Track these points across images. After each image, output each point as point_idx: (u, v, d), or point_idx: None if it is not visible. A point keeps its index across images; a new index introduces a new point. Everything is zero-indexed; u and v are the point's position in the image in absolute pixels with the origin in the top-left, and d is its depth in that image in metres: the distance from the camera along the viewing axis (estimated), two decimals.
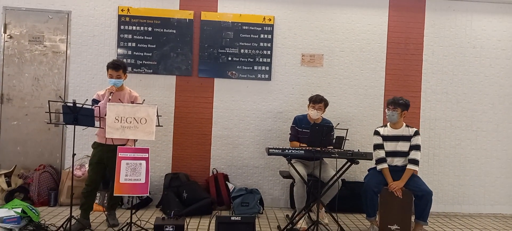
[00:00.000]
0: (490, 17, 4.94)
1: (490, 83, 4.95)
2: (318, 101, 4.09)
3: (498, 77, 4.96)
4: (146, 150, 3.31)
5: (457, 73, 4.93)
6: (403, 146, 3.81)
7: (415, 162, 3.75)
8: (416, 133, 3.81)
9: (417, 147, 3.78)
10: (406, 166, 3.77)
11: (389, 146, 3.84)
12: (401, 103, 3.80)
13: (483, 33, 4.94)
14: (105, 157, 3.61)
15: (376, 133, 3.92)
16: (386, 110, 3.91)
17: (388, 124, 3.92)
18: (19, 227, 3.51)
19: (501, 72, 4.96)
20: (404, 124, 3.88)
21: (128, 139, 3.56)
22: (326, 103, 4.13)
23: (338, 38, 4.84)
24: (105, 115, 3.30)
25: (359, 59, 4.86)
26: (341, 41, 4.84)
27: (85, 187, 3.68)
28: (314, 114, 4.09)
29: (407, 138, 3.81)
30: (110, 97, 3.49)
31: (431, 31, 4.90)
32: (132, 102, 3.67)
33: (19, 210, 3.58)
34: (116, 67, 3.61)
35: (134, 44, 4.67)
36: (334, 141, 3.58)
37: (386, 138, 3.86)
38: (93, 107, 3.41)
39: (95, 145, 3.71)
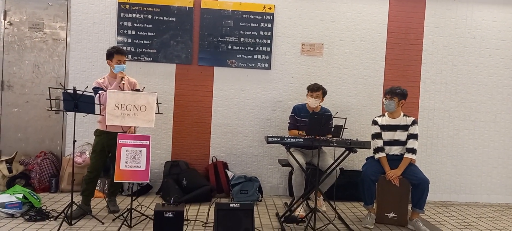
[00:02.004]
0: (490, 7, 4.93)
1: (489, 74, 4.97)
2: (315, 89, 4.10)
3: (497, 68, 4.97)
4: (147, 137, 3.34)
5: (457, 64, 4.94)
6: (400, 135, 3.84)
7: (412, 151, 3.78)
8: (414, 122, 3.84)
9: (414, 136, 3.80)
10: (403, 155, 3.81)
11: (387, 135, 3.87)
12: (398, 92, 3.82)
13: (484, 23, 4.93)
14: (109, 144, 3.64)
15: (374, 122, 3.94)
16: (383, 99, 3.93)
17: (386, 114, 3.95)
18: (20, 212, 3.56)
19: (500, 63, 4.97)
20: (402, 113, 3.90)
21: (130, 127, 3.60)
22: (324, 92, 4.14)
23: (339, 28, 4.83)
24: None
25: (359, 48, 4.86)
26: (341, 31, 4.84)
27: (87, 174, 3.73)
28: (312, 102, 4.11)
29: (404, 127, 3.83)
30: (123, 82, 3.57)
31: (432, 21, 4.89)
32: (133, 88, 3.71)
33: (20, 195, 3.63)
34: (124, 52, 3.71)
35: (134, 32, 4.66)
36: (332, 129, 3.61)
37: (384, 127, 3.89)
38: (99, 93, 3.44)
39: (98, 133, 3.72)
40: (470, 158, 4.99)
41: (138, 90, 3.75)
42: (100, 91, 3.52)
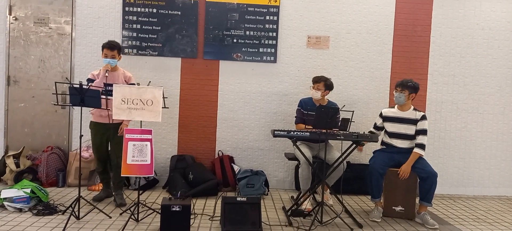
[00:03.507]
0: None
1: (498, 65, 4.90)
2: (316, 81, 4.07)
3: (506, 60, 4.90)
4: (148, 131, 3.33)
5: (465, 56, 4.88)
6: (407, 129, 3.79)
7: (421, 146, 3.73)
8: (423, 117, 3.77)
9: (423, 132, 3.75)
10: (411, 149, 3.77)
11: (392, 127, 3.84)
12: (410, 85, 3.77)
13: (493, 14, 4.86)
14: (107, 135, 3.77)
15: (380, 114, 3.93)
16: (394, 92, 3.88)
17: (396, 106, 3.91)
18: (28, 207, 3.58)
19: (509, 54, 4.90)
20: (412, 107, 3.85)
21: (123, 120, 3.69)
22: (327, 84, 4.07)
23: (345, 20, 4.78)
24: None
25: (365, 41, 4.81)
26: (348, 23, 4.78)
27: (97, 168, 3.96)
28: (312, 94, 4.08)
29: (412, 121, 3.79)
30: (107, 74, 3.61)
31: (439, 12, 4.83)
32: (127, 82, 3.81)
33: (28, 190, 3.65)
34: (112, 47, 3.75)
35: (139, 26, 4.64)
36: (339, 123, 3.58)
37: (390, 119, 3.85)
38: (89, 85, 3.48)
39: (92, 125, 3.84)
40: (478, 151, 4.94)
41: (133, 84, 3.81)
42: (90, 83, 3.60)
